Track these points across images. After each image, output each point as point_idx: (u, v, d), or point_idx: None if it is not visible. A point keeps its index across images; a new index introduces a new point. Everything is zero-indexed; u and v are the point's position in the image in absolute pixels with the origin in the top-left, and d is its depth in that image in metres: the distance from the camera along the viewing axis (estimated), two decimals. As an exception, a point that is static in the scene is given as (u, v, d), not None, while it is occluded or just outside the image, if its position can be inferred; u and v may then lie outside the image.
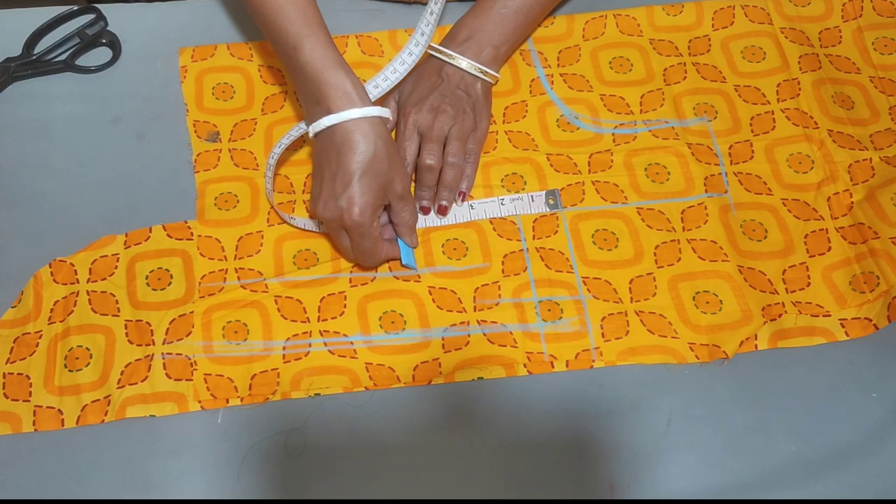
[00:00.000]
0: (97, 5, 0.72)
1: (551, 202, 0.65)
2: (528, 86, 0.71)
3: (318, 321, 0.60)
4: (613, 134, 0.68)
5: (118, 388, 0.57)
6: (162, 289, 0.61)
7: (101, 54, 0.72)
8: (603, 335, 0.59)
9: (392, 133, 0.66)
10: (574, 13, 0.74)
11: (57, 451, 0.55)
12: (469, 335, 0.59)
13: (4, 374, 0.57)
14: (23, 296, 0.60)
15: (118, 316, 0.60)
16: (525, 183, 0.66)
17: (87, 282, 0.61)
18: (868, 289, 0.60)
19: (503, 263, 0.62)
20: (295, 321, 0.60)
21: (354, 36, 0.73)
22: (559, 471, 0.54)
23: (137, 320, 0.59)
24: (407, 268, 0.61)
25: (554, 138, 0.68)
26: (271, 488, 0.54)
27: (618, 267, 0.62)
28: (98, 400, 0.56)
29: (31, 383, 0.57)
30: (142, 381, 0.57)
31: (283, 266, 0.62)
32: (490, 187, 0.66)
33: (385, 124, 0.58)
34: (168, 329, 0.59)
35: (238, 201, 0.65)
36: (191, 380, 0.57)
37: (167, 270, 0.62)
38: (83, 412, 0.56)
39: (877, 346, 0.58)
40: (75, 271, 0.61)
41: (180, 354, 0.58)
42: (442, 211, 0.64)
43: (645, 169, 0.66)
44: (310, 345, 0.59)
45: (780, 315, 0.59)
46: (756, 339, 0.58)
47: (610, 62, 0.72)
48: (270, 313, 0.60)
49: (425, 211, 0.64)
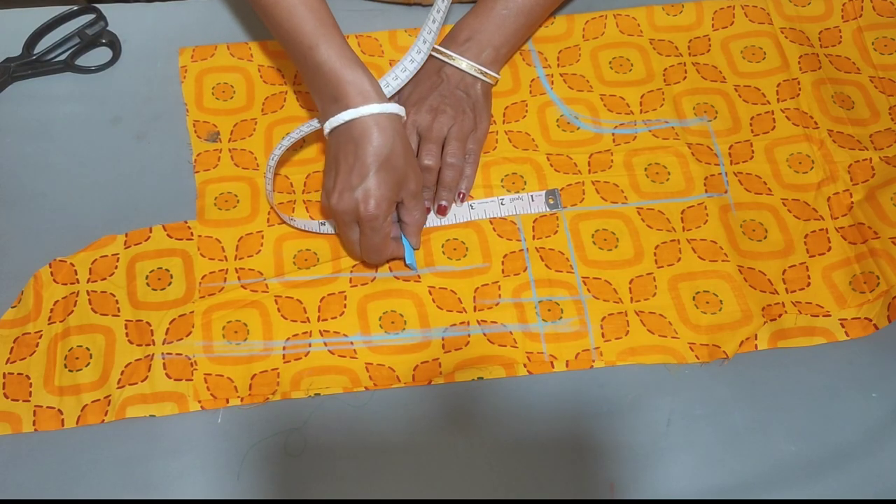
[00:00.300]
0: (97, 5, 0.72)
1: (551, 202, 0.65)
2: (528, 86, 0.71)
3: (319, 321, 0.60)
4: (613, 134, 0.68)
5: (118, 388, 0.57)
6: (162, 289, 0.61)
7: (101, 54, 0.72)
8: (603, 335, 0.59)
9: None
10: (574, 13, 0.74)
11: (57, 451, 0.55)
12: (469, 335, 0.59)
13: (4, 374, 0.57)
14: (23, 296, 0.60)
15: (118, 316, 0.60)
16: (525, 183, 0.66)
17: (88, 282, 0.61)
18: (868, 289, 0.60)
19: (503, 263, 0.62)
20: (295, 321, 0.60)
21: (354, 36, 0.72)
22: (559, 471, 0.54)
23: (137, 320, 0.59)
24: (409, 268, 0.61)
25: (554, 138, 0.68)
26: (271, 488, 0.54)
27: (618, 267, 0.62)
28: (98, 400, 0.56)
29: (31, 383, 0.57)
30: (142, 381, 0.57)
31: (284, 266, 0.62)
32: (490, 187, 0.66)
33: (401, 122, 0.58)
34: (168, 329, 0.59)
35: (238, 201, 0.65)
36: (191, 380, 0.57)
37: (167, 270, 0.62)
38: (83, 412, 0.56)
39: (877, 346, 0.58)
40: (75, 271, 0.61)
41: (180, 354, 0.58)
42: (441, 211, 0.64)
43: (645, 169, 0.66)
44: (310, 345, 0.59)
45: (780, 315, 0.59)
46: (756, 339, 0.58)
47: (610, 62, 0.72)
48: (270, 313, 0.60)
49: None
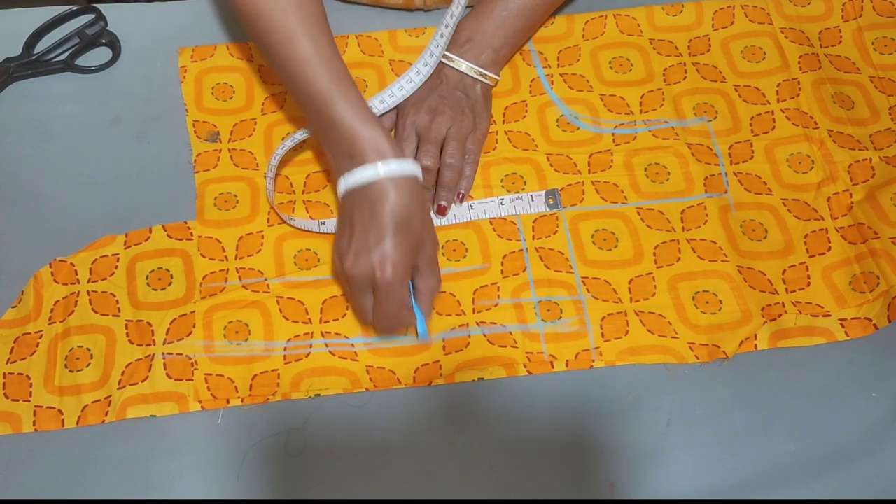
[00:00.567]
0: (97, 5, 0.72)
1: (551, 202, 0.65)
2: (528, 86, 0.71)
3: (320, 322, 0.60)
4: (613, 134, 0.68)
5: (119, 389, 0.57)
6: (162, 289, 0.61)
7: (101, 54, 0.72)
8: (602, 335, 0.59)
9: (392, 134, 0.66)
10: (574, 13, 0.74)
11: (57, 451, 0.55)
12: (469, 336, 0.59)
13: (4, 374, 0.57)
14: (23, 296, 0.60)
15: (118, 316, 0.60)
16: (525, 183, 0.66)
17: (88, 282, 0.61)
18: (868, 289, 0.60)
19: (502, 264, 0.62)
20: (296, 322, 0.60)
21: (354, 36, 0.72)
22: (559, 471, 0.54)
23: (138, 320, 0.59)
24: (419, 338, 0.58)
25: (554, 138, 0.68)
26: (271, 488, 0.54)
27: (617, 267, 0.62)
28: (98, 400, 0.56)
29: (32, 383, 0.57)
30: (142, 382, 0.57)
31: (284, 266, 0.62)
32: (490, 187, 0.66)
33: (419, 183, 0.57)
34: (168, 329, 0.59)
35: (238, 201, 0.65)
36: (191, 380, 0.57)
37: (167, 270, 0.62)
38: (83, 412, 0.56)
39: (876, 346, 0.58)
40: (75, 271, 0.61)
41: (181, 354, 0.58)
42: (441, 211, 0.64)
43: (645, 169, 0.66)
44: (311, 346, 0.59)
45: (780, 315, 0.59)
46: (756, 339, 0.59)
47: (610, 62, 0.72)
48: (272, 314, 0.60)
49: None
